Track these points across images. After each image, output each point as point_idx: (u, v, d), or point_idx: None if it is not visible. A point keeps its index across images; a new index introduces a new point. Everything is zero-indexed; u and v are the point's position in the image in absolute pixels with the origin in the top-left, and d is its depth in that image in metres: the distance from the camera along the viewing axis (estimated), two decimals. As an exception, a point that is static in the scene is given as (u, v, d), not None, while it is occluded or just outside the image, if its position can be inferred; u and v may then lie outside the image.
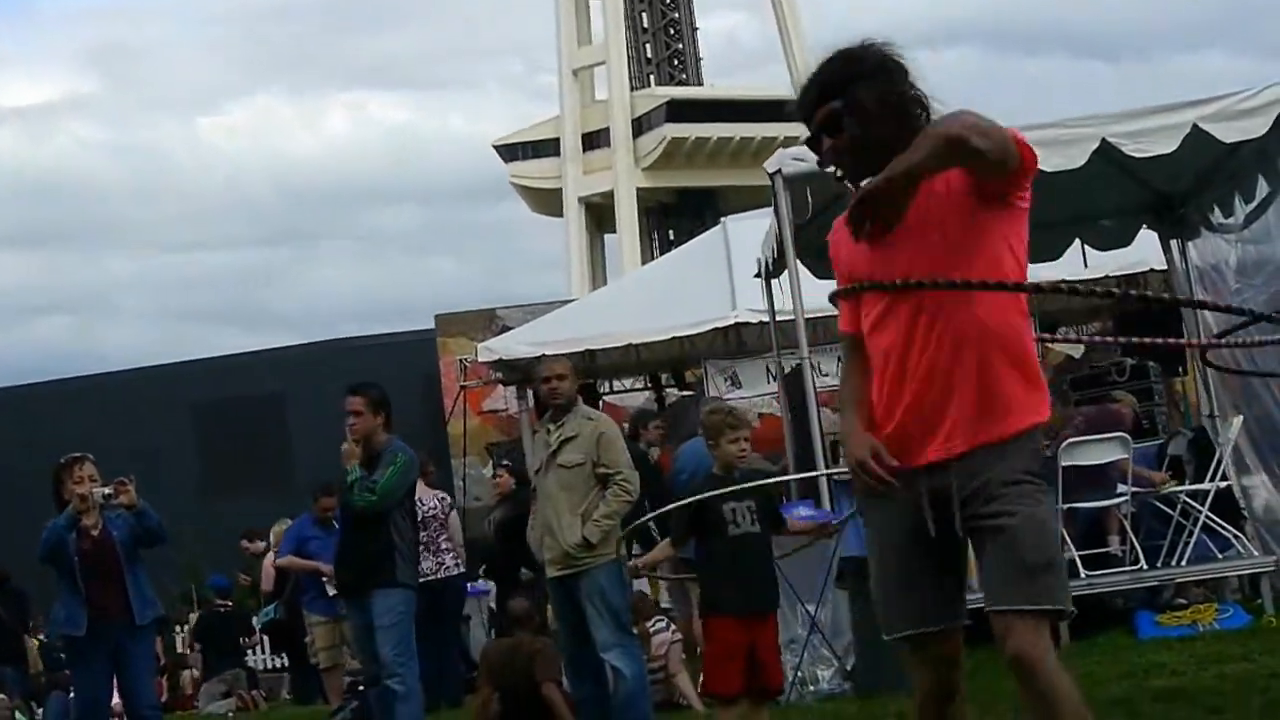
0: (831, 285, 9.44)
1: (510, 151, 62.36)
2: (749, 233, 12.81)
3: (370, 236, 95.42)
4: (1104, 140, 7.20)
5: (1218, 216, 8.51)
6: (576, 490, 6.45)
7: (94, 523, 6.53)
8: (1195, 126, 7.13)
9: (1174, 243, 9.20)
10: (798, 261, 7.95)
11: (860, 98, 3.15)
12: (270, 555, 12.68)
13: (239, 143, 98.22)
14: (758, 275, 9.63)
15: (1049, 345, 15.17)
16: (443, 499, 10.34)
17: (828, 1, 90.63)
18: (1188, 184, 8.66)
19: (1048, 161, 7.18)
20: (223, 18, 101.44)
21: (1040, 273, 10.56)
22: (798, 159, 7.71)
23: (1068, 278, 11.58)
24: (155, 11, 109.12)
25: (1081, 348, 16.29)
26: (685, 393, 15.43)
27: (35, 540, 6.69)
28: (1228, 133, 7.14)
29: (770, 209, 8.33)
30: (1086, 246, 9.44)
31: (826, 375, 10.00)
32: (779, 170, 7.70)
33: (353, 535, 6.68)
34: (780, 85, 46.84)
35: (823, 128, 3.17)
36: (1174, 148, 7.18)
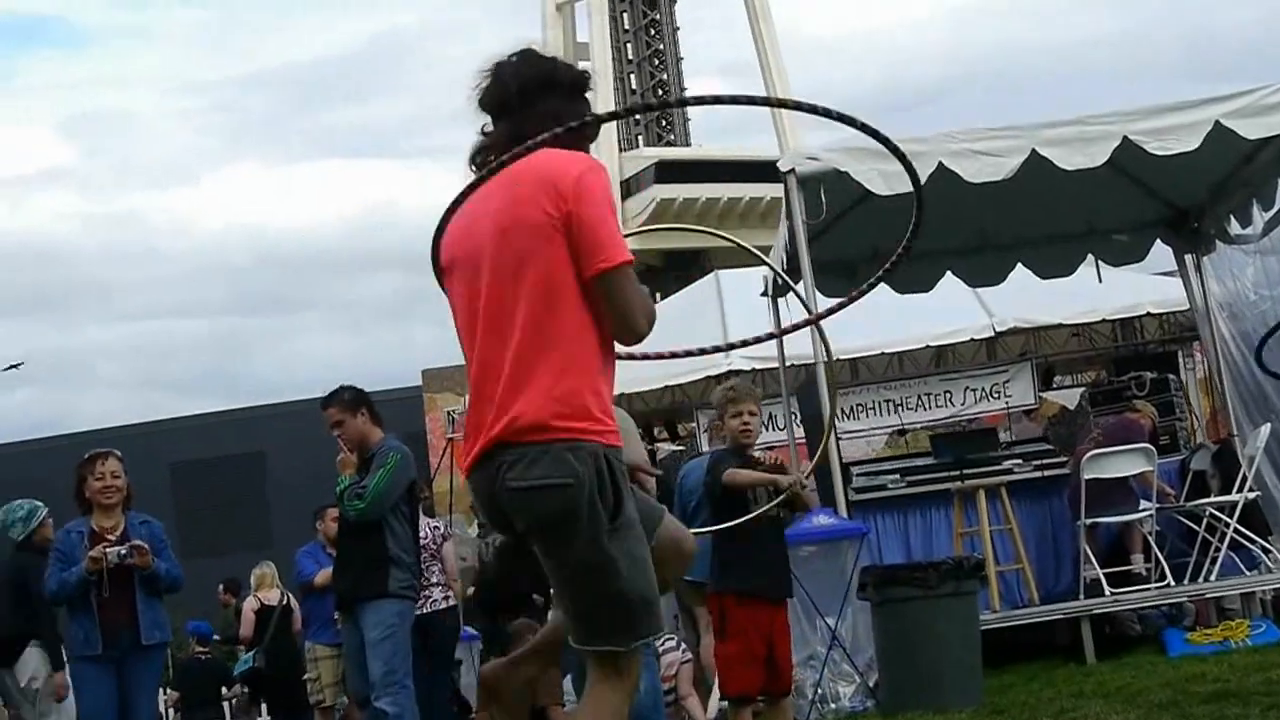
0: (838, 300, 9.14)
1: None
2: (740, 282, 12.70)
3: (350, 304, 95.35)
4: (1125, 138, 7.01)
5: (1235, 227, 8.35)
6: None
7: (113, 524, 6.37)
8: (1218, 123, 6.97)
9: (1189, 257, 9.03)
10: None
11: None
12: (251, 599, 12.26)
13: (216, 212, 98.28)
14: (764, 294, 9.41)
15: (1043, 397, 15.06)
16: (435, 527, 9.95)
17: (813, 69, 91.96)
18: (1202, 196, 8.52)
19: (1069, 160, 7.07)
20: (199, 88, 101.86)
21: (1056, 286, 10.57)
22: (811, 158, 7.54)
23: (1077, 291, 11.60)
24: (132, 83, 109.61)
25: (1076, 397, 16.11)
26: (676, 447, 15.24)
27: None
28: (1251, 129, 6.99)
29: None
30: (1100, 262, 9.25)
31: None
32: (792, 170, 7.49)
33: (347, 545, 6.42)
34: (766, 148, 47.05)
35: None
36: (1196, 145, 7.01)
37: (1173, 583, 7.62)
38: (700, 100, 3.33)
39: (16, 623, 7.72)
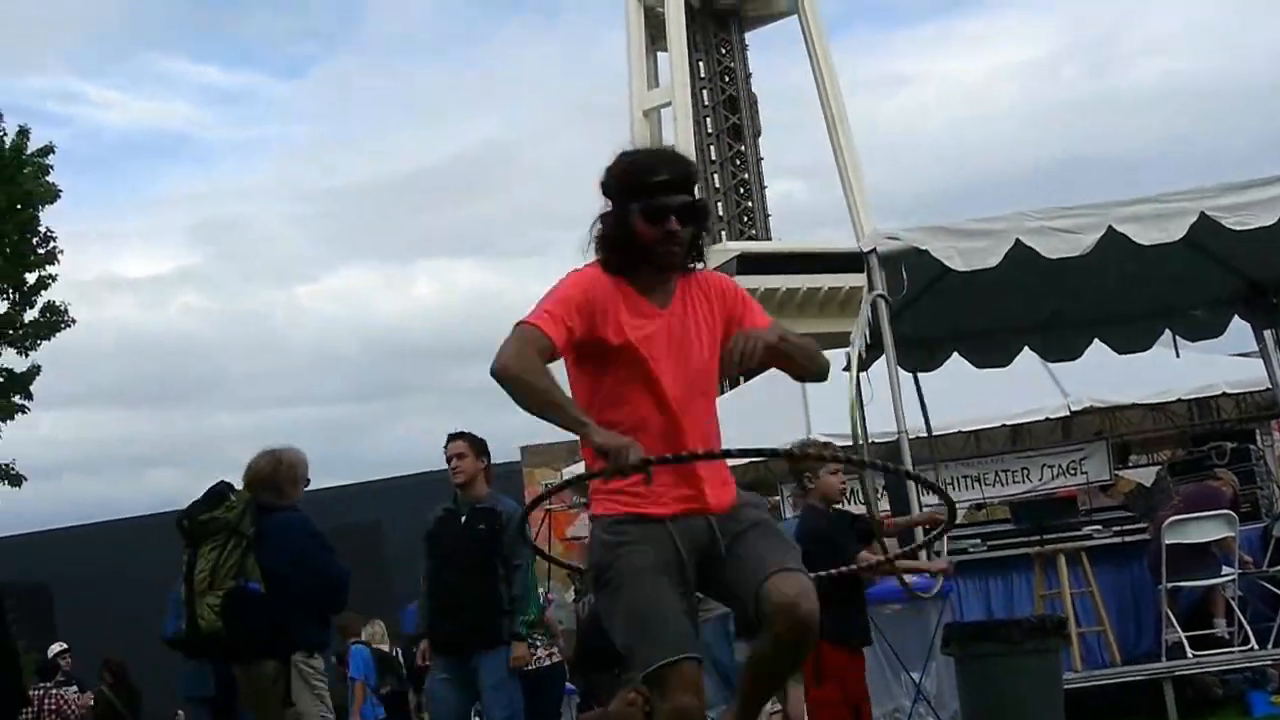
0: (928, 376, 8.86)
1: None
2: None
3: (454, 389, 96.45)
4: (1203, 213, 6.80)
5: (1313, 303, 8.04)
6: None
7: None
8: (1296, 198, 6.74)
9: (1268, 333, 8.69)
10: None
11: (706, 207, 3.31)
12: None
13: (333, 308, 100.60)
14: (846, 369, 9.24)
15: (1119, 475, 14.62)
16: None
17: (888, 167, 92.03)
18: (1280, 271, 8.23)
19: (1146, 236, 6.87)
20: (318, 194, 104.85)
21: (1131, 366, 10.26)
22: (892, 237, 7.43)
23: (1153, 372, 11.26)
24: (256, 190, 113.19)
25: (1152, 475, 15.62)
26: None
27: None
28: (1329, 205, 6.74)
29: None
30: (1178, 338, 8.94)
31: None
32: (874, 249, 7.38)
33: (456, 591, 6.11)
34: (843, 240, 47.07)
35: (682, 210, 3.17)
36: (1274, 220, 6.76)
37: (1256, 646, 7.26)
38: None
39: None
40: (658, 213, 3.13)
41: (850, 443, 11.00)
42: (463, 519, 6.17)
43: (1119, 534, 7.94)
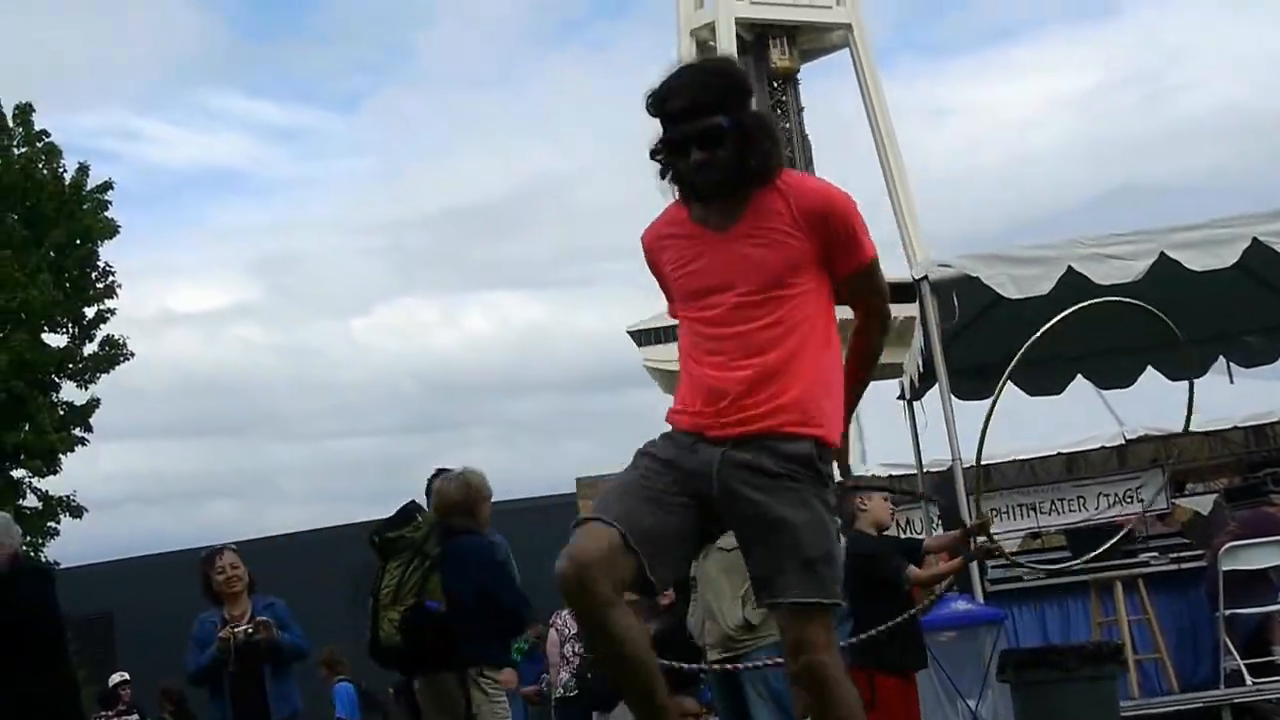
0: (982, 405, 8.89)
1: (643, 336, 63.20)
2: (873, 392, 12.57)
3: (508, 422, 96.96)
4: (1255, 239, 6.83)
5: (1369, 328, 8.02)
6: (737, 573, 6.15)
7: (241, 610, 6.59)
8: (1349, 224, 6.75)
9: (1324, 361, 8.68)
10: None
11: (746, 121, 2.96)
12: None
13: (387, 341, 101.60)
14: (900, 397, 9.31)
15: (1176, 503, 14.47)
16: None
17: (939, 199, 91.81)
18: (1334, 297, 8.22)
19: (1198, 261, 6.90)
20: (372, 229, 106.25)
21: (1178, 392, 10.21)
22: (944, 265, 7.49)
23: (1208, 399, 11.17)
24: (312, 225, 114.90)
25: (1210, 503, 15.44)
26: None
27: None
28: (1382, 229, 6.75)
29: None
30: (1232, 364, 8.93)
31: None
32: (925, 276, 7.46)
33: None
34: (894, 269, 46.93)
35: (700, 137, 2.93)
36: (1327, 245, 6.80)
37: (1317, 674, 7.22)
38: None
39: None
40: (678, 145, 2.97)
41: (904, 473, 11.10)
42: None
43: (1175, 561, 7.91)
